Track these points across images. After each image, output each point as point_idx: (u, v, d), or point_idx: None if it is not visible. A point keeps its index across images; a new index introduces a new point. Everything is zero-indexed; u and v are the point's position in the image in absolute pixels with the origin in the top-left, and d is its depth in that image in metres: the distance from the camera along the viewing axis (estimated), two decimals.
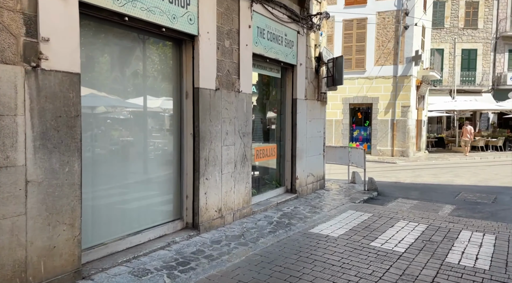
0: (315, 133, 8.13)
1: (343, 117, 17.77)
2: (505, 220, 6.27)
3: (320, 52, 7.94)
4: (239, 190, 5.69)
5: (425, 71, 17.27)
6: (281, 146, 7.43)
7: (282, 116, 7.43)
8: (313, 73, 7.96)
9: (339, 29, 17.25)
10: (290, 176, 7.41)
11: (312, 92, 7.96)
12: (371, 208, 6.78)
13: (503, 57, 23.76)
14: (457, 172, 12.42)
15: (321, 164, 8.47)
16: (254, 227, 5.34)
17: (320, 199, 7.45)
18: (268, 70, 6.87)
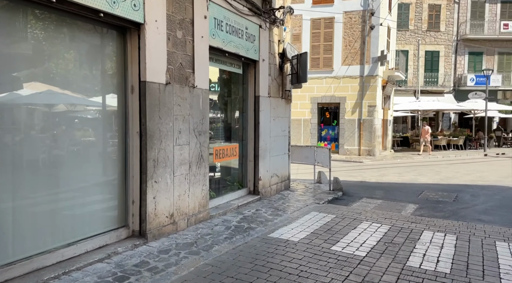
0: (279, 132, 7.85)
1: (311, 117, 17.72)
2: (466, 218, 6.26)
3: (284, 48, 7.67)
4: (195, 193, 5.28)
5: (391, 72, 17.55)
6: (244, 146, 7.08)
7: (244, 115, 7.09)
8: (277, 70, 7.67)
9: (307, 28, 17.17)
10: (253, 176, 7.08)
11: (276, 89, 7.67)
12: (335, 209, 6.58)
13: (464, 59, 24.73)
14: (421, 170, 12.61)
15: (286, 164, 8.20)
16: (209, 233, 4.95)
17: (284, 200, 7.17)
18: (229, 66, 6.50)
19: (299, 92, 17.67)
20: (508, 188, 9.07)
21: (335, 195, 7.90)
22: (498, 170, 12.61)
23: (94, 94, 4.22)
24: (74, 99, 4.02)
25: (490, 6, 24.30)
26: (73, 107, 4.03)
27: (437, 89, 24.50)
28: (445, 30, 24.27)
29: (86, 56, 4.09)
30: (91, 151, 4.19)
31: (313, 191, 8.30)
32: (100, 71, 4.25)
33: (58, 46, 3.79)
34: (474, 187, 9.24)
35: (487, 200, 7.66)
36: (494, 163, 14.99)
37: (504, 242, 4.79)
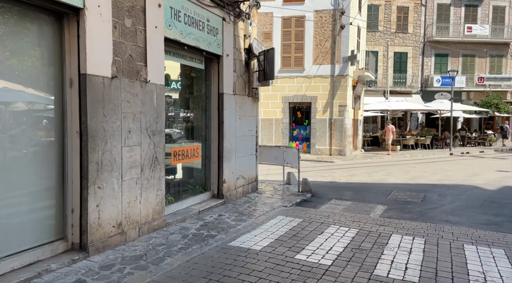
0: (246, 132, 7.47)
1: (283, 116, 17.48)
2: (433, 219, 6.13)
3: (250, 43, 7.29)
4: (148, 199, 4.79)
5: (361, 72, 17.63)
6: (207, 146, 6.65)
7: (207, 113, 6.65)
8: (243, 66, 7.28)
9: (278, 26, 16.92)
10: (216, 179, 6.65)
11: (242, 87, 7.29)
12: (302, 212, 6.28)
13: (430, 60, 25.40)
14: (389, 170, 12.64)
15: (253, 165, 7.84)
16: (163, 243, 4.48)
17: (250, 203, 6.79)
18: (189, 60, 6.05)
19: (270, 91, 17.40)
20: (473, 187, 9.15)
21: (304, 196, 7.62)
22: (463, 169, 12.86)
23: (25, 89, 3.66)
24: (1, 95, 3.45)
25: (455, 9, 25.11)
26: (1, 104, 3.46)
27: (406, 89, 25.02)
28: (413, 32, 24.83)
29: (15, 45, 3.52)
30: (22, 153, 3.62)
31: (282, 193, 7.99)
32: (32, 62, 3.69)
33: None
34: (441, 186, 9.27)
35: (454, 200, 7.63)
36: (460, 161, 15.35)
37: (472, 245, 4.64)
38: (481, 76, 25.27)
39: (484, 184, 9.57)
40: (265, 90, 17.45)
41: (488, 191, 8.56)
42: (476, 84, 25.36)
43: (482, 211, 6.72)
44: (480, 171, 12.20)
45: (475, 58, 25.58)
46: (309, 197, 7.79)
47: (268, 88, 17.44)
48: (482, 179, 10.34)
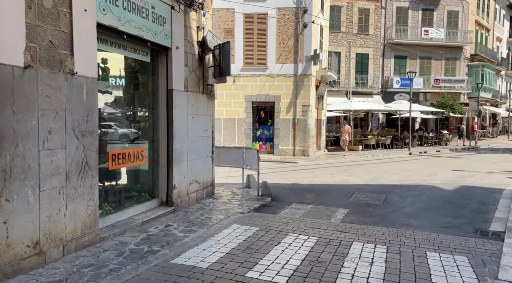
0: (200, 132, 6.88)
1: (246, 116, 17.00)
2: (395, 223, 5.89)
3: (204, 36, 6.72)
4: (76, 211, 4.09)
5: (323, 71, 17.55)
6: (154, 148, 5.99)
7: (155, 111, 5.99)
8: (196, 61, 6.69)
9: (240, 23, 16.41)
10: (165, 184, 6.01)
11: (195, 83, 6.69)
12: (260, 219, 5.80)
13: (390, 62, 26.03)
14: (352, 170, 12.54)
15: (209, 168, 7.26)
16: (92, 263, 3.81)
17: (203, 211, 6.21)
18: (131, 51, 5.37)
19: (233, 90, 16.88)
20: (433, 187, 9.16)
21: (263, 201, 7.16)
22: (422, 168, 13.04)
23: None
24: None
25: (413, 13, 25.92)
26: None
27: (367, 90, 25.45)
28: (373, 34, 25.31)
29: None
30: None
31: (240, 197, 7.48)
32: None
33: None
34: (402, 187, 9.20)
35: (414, 201, 7.51)
36: (418, 161, 15.66)
37: (435, 253, 4.38)
38: (437, 78, 26.27)
39: (442, 183, 9.63)
40: (227, 89, 16.91)
41: (447, 191, 8.57)
42: (432, 86, 26.33)
43: (442, 212, 6.60)
44: (438, 170, 12.42)
45: (432, 60, 26.56)
46: (269, 201, 7.35)
47: (230, 87, 16.91)
48: (440, 179, 10.45)
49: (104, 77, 5.26)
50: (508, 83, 38.27)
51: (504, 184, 9.45)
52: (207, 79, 7.06)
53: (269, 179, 10.68)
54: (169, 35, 5.82)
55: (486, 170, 12.20)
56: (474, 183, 9.69)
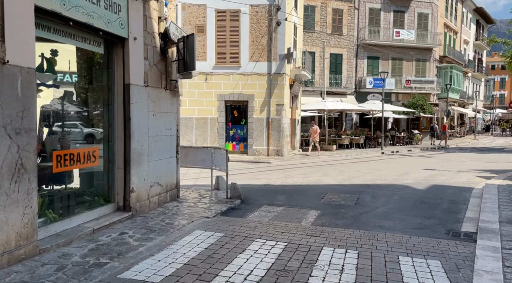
0: (163, 131, 6.40)
1: (218, 115, 16.54)
2: (367, 225, 5.66)
3: (166, 27, 6.24)
4: (9, 220, 3.55)
5: (297, 70, 17.38)
6: (110, 148, 5.47)
7: (110, 108, 5.48)
8: (157, 54, 6.21)
9: (212, 20, 15.94)
10: (122, 188, 5.50)
11: (157, 78, 6.21)
12: (226, 224, 5.41)
13: (363, 62, 26.30)
14: (325, 170, 12.38)
15: (173, 169, 6.79)
16: (25, 281, 3.29)
17: (165, 216, 5.75)
18: (81, 41, 4.84)
19: (205, 88, 16.39)
20: (405, 186, 9.09)
21: (232, 204, 6.77)
22: (394, 167, 13.07)
23: None
24: None
25: (385, 14, 26.31)
26: None
27: (341, 90, 25.58)
28: (347, 34, 25.47)
29: None
30: None
31: (208, 200, 7.06)
32: None
33: None
34: (374, 186, 9.06)
35: (387, 202, 7.35)
36: (391, 160, 15.76)
37: (407, 257, 4.15)
38: (408, 78, 26.80)
39: (414, 183, 9.59)
40: (199, 87, 16.41)
41: (419, 191, 8.50)
42: (404, 87, 26.83)
43: (414, 213, 6.45)
44: (410, 169, 12.46)
45: (403, 61, 27.07)
46: (238, 204, 6.97)
47: (202, 85, 16.42)
48: (412, 178, 10.43)
49: (50, 69, 4.70)
50: (474, 84, 39.78)
51: (474, 183, 9.53)
52: (171, 74, 6.59)
53: (241, 180, 10.32)
54: (125, 25, 5.32)
55: (455, 169, 12.36)
56: (445, 182, 9.71)
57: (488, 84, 50.62)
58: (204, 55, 16.25)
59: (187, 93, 16.52)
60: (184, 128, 16.68)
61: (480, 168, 12.57)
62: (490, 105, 46.19)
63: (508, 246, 4.37)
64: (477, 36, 39.12)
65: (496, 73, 59.19)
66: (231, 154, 16.61)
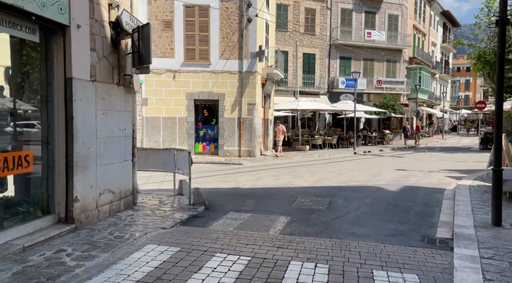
0: (115, 131, 5.73)
1: (187, 115, 15.83)
2: (339, 233, 5.26)
3: (118, 16, 5.58)
4: None
5: (269, 69, 16.97)
6: (49, 151, 4.76)
7: (49, 105, 4.77)
8: (108, 46, 5.54)
9: (180, 15, 15.22)
10: (64, 197, 4.81)
11: (108, 72, 5.54)
12: (184, 236, 4.84)
13: (336, 63, 26.31)
14: (298, 171, 12.01)
15: (127, 174, 6.13)
16: None
17: (116, 227, 5.10)
18: (8, 27, 4.12)
19: (173, 86, 15.64)
20: (377, 188, 8.83)
21: (194, 211, 6.20)
22: (366, 168, 12.90)
23: None
24: None
25: (356, 15, 26.45)
26: None
27: (314, 90, 25.46)
28: (319, 34, 25.39)
29: None
30: None
31: (168, 207, 6.44)
32: None
33: None
34: (347, 189, 8.75)
35: (359, 205, 7.02)
36: (363, 161, 15.65)
37: (382, 271, 3.76)
38: (379, 79, 27.09)
39: (386, 184, 9.37)
40: (167, 85, 15.65)
41: (391, 193, 8.26)
42: (375, 87, 27.10)
43: (388, 217, 6.13)
44: (382, 170, 12.33)
45: (374, 62, 27.34)
46: (202, 210, 6.40)
47: (170, 83, 15.66)
48: (384, 179, 10.24)
49: None
50: (441, 85, 41.06)
51: (445, 183, 9.43)
52: (125, 68, 5.93)
53: (209, 183, 9.76)
54: (66, 10, 4.63)
55: (426, 169, 12.35)
56: (417, 183, 9.57)
57: (454, 86, 52.54)
58: (172, 52, 15.51)
59: (154, 91, 15.73)
60: (151, 129, 15.86)
61: (449, 168, 12.63)
62: (456, 106, 47.96)
63: (486, 254, 4.08)
64: (444, 38, 40.39)
65: (462, 75, 61.67)
66: (201, 155, 15.97)
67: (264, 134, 18.05)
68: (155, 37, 15.41)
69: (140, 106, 15.74)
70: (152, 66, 16.31)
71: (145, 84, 15.65)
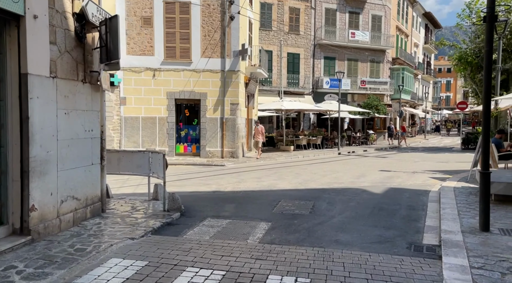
0: (81, 133, 5.27)
1: (168, 115, 15.32)
2: (322, 240, 4.96)
3: (82, 7, 5.12)
4: None
5: (253, 68, 16.62)
6: (2, 155, 4.27)
7: (1, 104, 4.28)
8: (71, 39, 5.07)
9: (160, 11, 14.71)
10: (19, 206, 4.33)
11: (71, 68, 5.07)
12: (153, 247, 4.43)
13: (320, 63, 26.19)
14: (281, 173, 11.70)
15: (95, 178, 5.66)
16: None
17: (79, 238, 4.64)
18: None
19: (153, 85, 15.11)
20: (362, 190, 8.60)
21: (168, 218, 5.78)
22: (351, 169, 12.71)
23: None
24: None
25: (340, 15, 26.40)
26: None
27: (299, 90, 25.27)
28: (304, 34, 25.21)
29: None
30: None
31: (141, 214, 6.01)
32: None
33: None
34: (331, 191, 8.49)
35: (344, 209, 6.74)
36: (347, 161, 15.49)
37: None
38: (363, 79, 27.13)
39: (371, 186, 9.16)
40: (146, 84, 15.10)
41: (376, 196, 8.02)
42: (359, 87, 27.11)
43: (373, 222, 5.87)
44: (366, 171, 12.15)
45: (358, 62, 27.36)
46: (177, 217, 6.00)
47: (150, 82, 15.12)
48: (369, 180, 10.03)
49: None
50: (424, 86, 41.62)
51: (429, 185, 9.29)
52: (91, 64, 5.47)
53: (188, 186, 9.33)
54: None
55: (410, 170, 12.24)
56: (401, 184, 9.39)
57: (436, 86, 53.46)
58: (152, 50, 14.97)
59: (133, 90, 15.16)
60: (130, 129, 15.28)
61: (433, 168, 12.56)
62: (437, 106, 48.77)
63: (476, 264, 3.83)
64: (426, 40, 40.95)
65: (443, 76, 62.90)
66: (183, 156, 15.48)
67: (247, 135, 17.69)
68: (134, 34, 14.87)
69: (118, 106, 15.15)
70: (131, 64, 15.84)
71: (124, 83, 15.07)
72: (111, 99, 14.99)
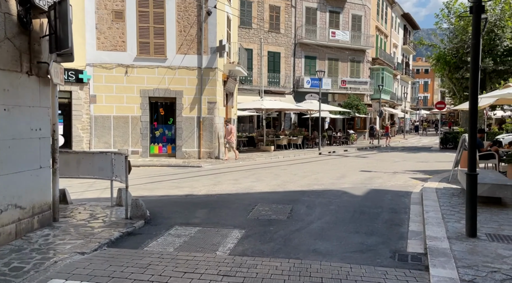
0: (25, 132, 4.61)
1: (141, 114, 14.58)
2: (299, 250, 4.49)
3: None
4: None
5: (232, 66, 16.09)
6: None
7: None
8: (13, 25, 4.41)
9: (132, 5, 13.96)
10: None
11: (13, 58, 4.41)
12: (106, 264, 3.84)
13: (301, 62, 25.91)
14: (260, 174, 11.23)
15: (44, 184, 5.00)
16: None
17: (18, 254, 4.00)
18: None
19: (125, 83, 14.34)
20: (342, 192, 8.22)
21: (130, 227, 5.19)
22: (331, 170, 12.37)
23: None
24: None
25: (321, 14, 26.21)
26: None
27: (279, 89, 24.91)
28: (284, 33, 24.86)
29: None
30: None
31: (100, 222, 5.38)
32: None
33: None
34: (310, 193, 8.07)
35: (323, 213, 6.32)
36: (328, 161, 15.18)
37: None
38: (344, 79, 27.04)
39: (351, 187, 8.80)
40: (118, 81, 14.31)
41: (357, 198, 7.66)
42: (339, 87, 27.01)
43: (354, 227, 5.46)
44: (347, 171, 11.83)
45: (339, 62, 27.26)
46: (140, 225, 5.41)
47: (122, 79, 14.34)
48: (349, 182, 9.69)
49: None
50: (402, 86, 42.14)
51: (410, 186, 9.02)
52: (39, 54, 4.81)
53: (159, 190, 8.72)
54: None
55: (391, 170, 12.01)
56: (382, 186, 9.08)
57: (414, 87, 54.37)
58: (124, 45, 14.20)
59: (103, 88, 14.34)
60: (101, 129, 14.45)
61: (413, 168, 12.39)
62: (416, 106, 49.58)
63: (466, 276, 3.46)
64: (404, 40, 41.47)
65: (421, 76, 64.14)
66: (157, 157, 14.76)
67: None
68: (105, 28, 14.06)
69: (87, 104, 14.30)
70: (102, 60, 14.99)
71: (94, 80, 14.23)
72: (80, 97, 14.14)
